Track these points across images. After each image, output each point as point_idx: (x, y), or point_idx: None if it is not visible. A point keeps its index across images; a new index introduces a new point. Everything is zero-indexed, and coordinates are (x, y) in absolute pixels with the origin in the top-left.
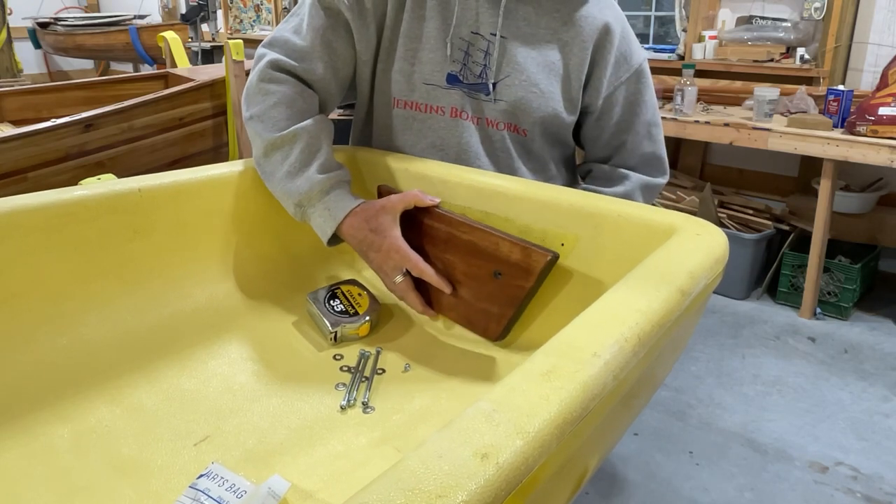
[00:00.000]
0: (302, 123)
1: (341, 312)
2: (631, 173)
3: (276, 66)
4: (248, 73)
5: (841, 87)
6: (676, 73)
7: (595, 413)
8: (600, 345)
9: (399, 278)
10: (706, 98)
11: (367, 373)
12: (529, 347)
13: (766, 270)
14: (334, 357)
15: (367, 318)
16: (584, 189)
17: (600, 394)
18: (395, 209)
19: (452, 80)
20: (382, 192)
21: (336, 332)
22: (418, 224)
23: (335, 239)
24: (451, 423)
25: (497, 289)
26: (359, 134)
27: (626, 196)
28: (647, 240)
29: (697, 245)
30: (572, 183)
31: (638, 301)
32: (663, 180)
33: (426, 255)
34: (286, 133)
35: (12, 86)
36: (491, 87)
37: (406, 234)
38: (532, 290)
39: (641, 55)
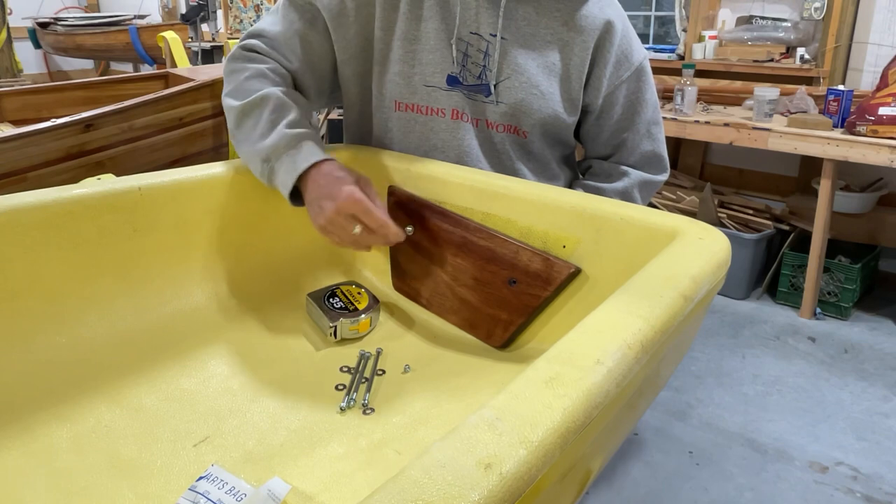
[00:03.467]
0: (271, 88)
1: (340, 309)
2: (630, 170)
3: (247, 47)
4: None
5: (841, 87)
6: (676, 73)
7: (598, 420)
8: (603, 352)
9: (358, 229)
10: (706, 98)
11: (367, 374)
12: (530, 350)
13: (766, 270)
14: (334, 358)
15: (367, 314)
16: (584, 184)
17: (604, 401)
18: (363, 180)
19: (453, 81)
20: (393, 194)
21: (335, 326)
22: (431, 226)
23: (298, 198)
24: (454, 432)
25: (510, 296)
26: (354, 137)
27: (625, 192)
28: (649, 243)
29: (700, 249)
30: (574, 179)
31: (641, 307)
32: (663, 178)
33: (436, 257)
34: (255, 97)
35: (12, 86)
36: (492, 88)
37: (417, 235)
38: (547, 301)
39: (642, 53)
